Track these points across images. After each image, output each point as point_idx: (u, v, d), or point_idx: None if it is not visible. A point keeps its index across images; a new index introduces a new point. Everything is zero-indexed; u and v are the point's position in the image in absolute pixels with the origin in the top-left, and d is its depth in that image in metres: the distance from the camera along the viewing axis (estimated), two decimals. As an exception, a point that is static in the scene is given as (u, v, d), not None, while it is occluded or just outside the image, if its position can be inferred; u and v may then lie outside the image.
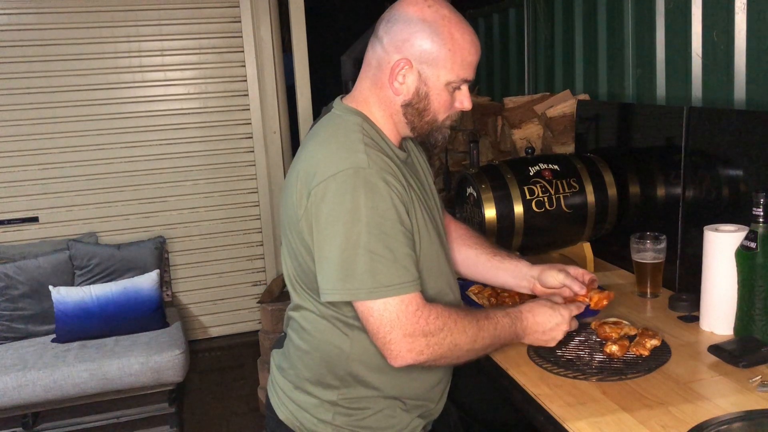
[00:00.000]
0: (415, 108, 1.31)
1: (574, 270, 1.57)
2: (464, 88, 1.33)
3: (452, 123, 1.38)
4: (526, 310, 1.40)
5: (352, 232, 1.19)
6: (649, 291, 1.89)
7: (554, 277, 1.55)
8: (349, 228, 1.19)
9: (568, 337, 1.57)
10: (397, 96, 1.30)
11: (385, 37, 1.28)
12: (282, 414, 1.40)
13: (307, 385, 1.36)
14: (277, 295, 3.63)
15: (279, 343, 1.49)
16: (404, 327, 1.21)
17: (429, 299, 1.28)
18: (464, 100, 1.34)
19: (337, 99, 1.39)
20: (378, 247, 1.19)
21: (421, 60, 1.26)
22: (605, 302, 1.59)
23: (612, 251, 2.22)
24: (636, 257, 1.89)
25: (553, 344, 1.43)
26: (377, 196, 1.20)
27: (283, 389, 1.41)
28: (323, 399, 1.34)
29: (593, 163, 2.13)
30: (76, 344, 3.34)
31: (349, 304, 1.26)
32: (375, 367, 1.32)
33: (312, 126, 1.41)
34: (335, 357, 1.32)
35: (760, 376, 1.36)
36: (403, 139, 1.40)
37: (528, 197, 2.02)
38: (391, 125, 1.35)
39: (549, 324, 1.40)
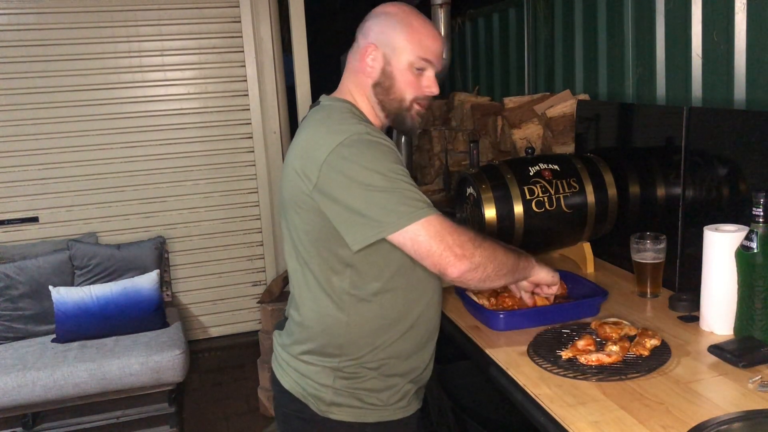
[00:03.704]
0: (382, 87, 1.47)
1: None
2: (429, 72, 1.48)
3: (421, 110, 1.51)
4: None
5: (368, 181, 1.31)
6: (649, 291, 1.89)
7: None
8: (364, 179, 1.31)
9: (569, 337, 1.58)
10: (368, 78, 1.48)
11: (359, 33, 1.51)
12: (286, 383, 1.50)
13: (308, 356, 1.46)
14: (277, 295, 3.63)
15: (280, 325, 1.60)
16: (445, 239, 1.32)
17: (413, 299, 1.43)
18: (431, 86, 1.48)
19: (323, 96, 1.54)
20: (395, 185, 1.32)
21: (385, 43, 1.46)
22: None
23: (612, 251, 2.22)
24: (636, 257, 1.89)
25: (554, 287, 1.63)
26: (382, 150, 1.35)
27: (286, 360, 1.51)
28: (325, 366, 1.44)
29: (593, 163, 2.13)
30: (76, 344, 3.34)
31: (348, 277, 1.39)
32: (371, 332, 1.42)
33: (302, 121, 1.51)
34: (334, 327, 1.42)
35: (760, 376, 1.36)
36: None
37: (528, 197, 2.02)
38: (371, 111, 1.50)
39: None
